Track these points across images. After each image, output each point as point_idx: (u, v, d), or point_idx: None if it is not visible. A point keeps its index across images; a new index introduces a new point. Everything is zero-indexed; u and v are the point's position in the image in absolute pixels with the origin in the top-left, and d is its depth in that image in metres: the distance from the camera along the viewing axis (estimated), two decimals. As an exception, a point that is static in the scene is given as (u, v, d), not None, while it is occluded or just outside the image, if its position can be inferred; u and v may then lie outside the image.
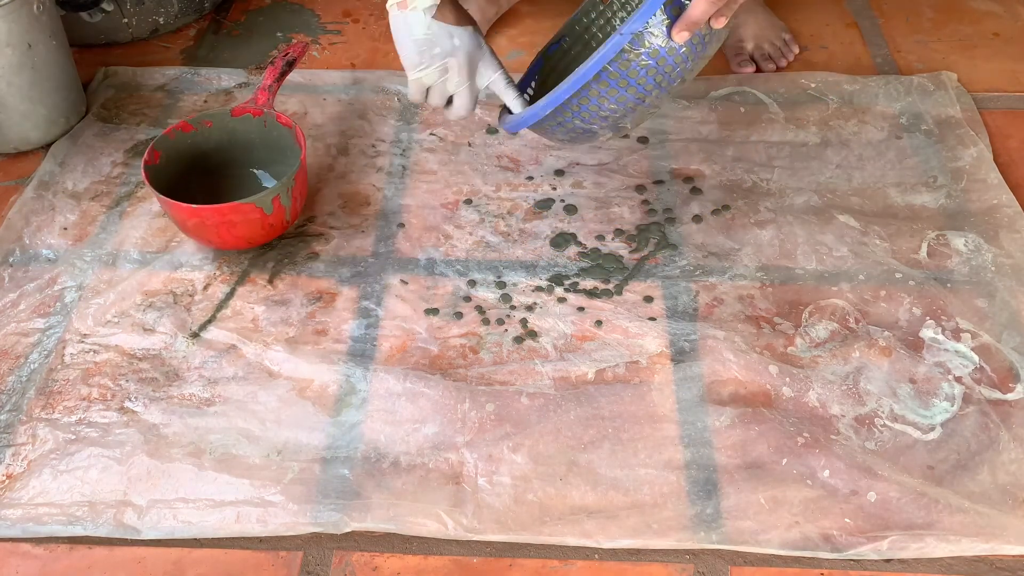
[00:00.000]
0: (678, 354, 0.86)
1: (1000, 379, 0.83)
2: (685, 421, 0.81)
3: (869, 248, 0.95)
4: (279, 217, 0.93)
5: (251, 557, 0.74)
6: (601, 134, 0.87)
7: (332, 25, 1.31)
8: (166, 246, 0.98)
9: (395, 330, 0.89)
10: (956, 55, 1.22)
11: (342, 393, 0.84)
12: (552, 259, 0.95)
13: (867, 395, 0.82)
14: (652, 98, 0.82)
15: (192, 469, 0.78)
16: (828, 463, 0.77)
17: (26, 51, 1.03)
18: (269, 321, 0.90)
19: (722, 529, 0.74)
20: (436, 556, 0.74)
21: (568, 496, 0.76)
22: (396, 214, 1.01)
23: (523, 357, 0.86)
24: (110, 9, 1.23)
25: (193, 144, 0.99)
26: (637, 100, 0.82)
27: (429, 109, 1.14)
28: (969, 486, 0.76)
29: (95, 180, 1.06)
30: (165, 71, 1.21)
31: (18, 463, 0.79)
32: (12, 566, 0.73)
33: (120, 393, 0.84)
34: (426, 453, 0.79)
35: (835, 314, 0.89)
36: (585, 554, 0.74)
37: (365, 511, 0.75)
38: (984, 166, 1.03)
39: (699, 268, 0.94)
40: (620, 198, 1.02)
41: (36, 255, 0.97)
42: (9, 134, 1.07)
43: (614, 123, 0.85)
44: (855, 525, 0.74)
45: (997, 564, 0.73)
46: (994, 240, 0.95)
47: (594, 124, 0.85)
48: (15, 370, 0.86)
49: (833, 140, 1.08)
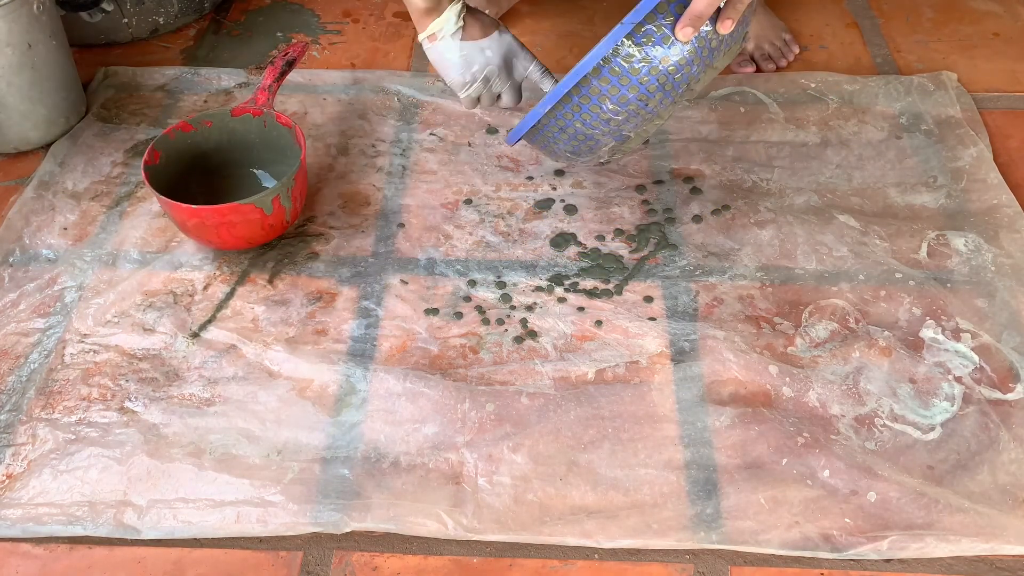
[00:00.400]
0: (678, 354, 0.86)
1: (1000, 379, 0.83)
2: (685, 421, 0.81)
3: (869, 248, 0.95)
4: (279, 217, 0.93)
5: (251, 557, 0.74)
6: (604, 143, 0.85)
7: (332, 25, 1.31)
8: (166, 246, 0.98)
9: (395, 330, 0.89)
10: (956, 55, 1.22)
11: (342, 393, 0.84)
12: (552, 259, 0.95)
13: (867, 395, 0.82)
14: (655, 102, 0.81)
15: (192, 469, 0.78)
16: (828, 463, 0.77)
17: (26, 51, 1.03)
18: (269, 321, 0.90)
19: (722, 529, 0.74)
20: (436, 556, 0.74)
21: (568, 496, 0.76)
22: (396, 214, 1.01)
23: (523, 357, 0.86)
24: (110, 9, 1.23)
25: (193, 144, 0.99)
26: (639, 102, 0.81)
27: (429, 109, 1.14)
28: (969, 486, 0.76)
29: (95, 180, 1.06)
30: (165, 71, 1.21)
31: (18, 463, 0.79)
32: (12, 566, 0.73)
33: (120, 393, 0.84)
34: (426, 453, 0.79)
35: (835, 314, 0.89)
36: (585, 554, 0.74)
37: (365, 511, 0.75)
38: (984, 166, 1.03)
39: (699, 268, 0.94)
40: (620, 198, 1.02)
41: (36, 255, 0.97)
42: (9, 134, 1.07)
43: (616, 128, 0.83)
44: (855, 525, 0.74)
45: (997, 564, 0.73)
46: (994, 240, 0.95)
47: (596, 128, 0.83)
48: (15, 370, 0.86)
49: (833, 140, 1.08)
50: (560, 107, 0.83)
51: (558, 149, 0.89)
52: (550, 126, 0.85)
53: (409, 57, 1.24)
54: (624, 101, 0.81)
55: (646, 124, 0.84)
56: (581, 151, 0.87)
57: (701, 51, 0.79)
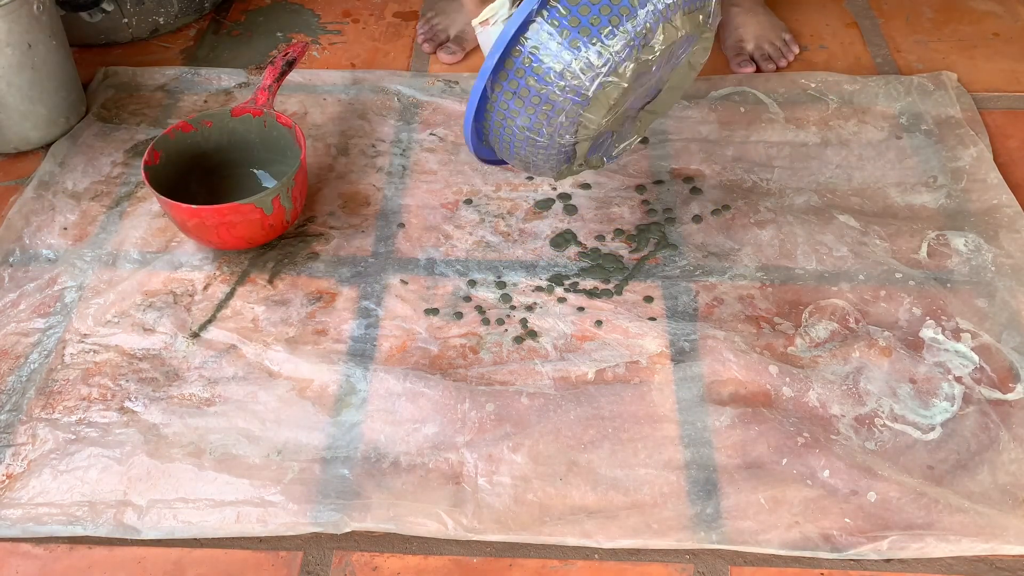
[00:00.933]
0: (678, 354, 0.86)
1: (1000, 379, 0.83)
2: (685, 421, 0.81)
3: (869, 248, 0.95)
4: (279, 217, 0.93)
5: (251, 557, 0.74)
6: (565, 111, 0.78)
7: (332, 25, 1.31)
8: (166, 246, 0.98)
9: (395, 330, 0.89)
10: (956, 55, 1.22)
11: (342, 393, 0.84)
12: (552, 259, 0.95)
13: (867, 395, 0.82)
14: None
15: (192, 469, 0.78)
16: (828, 463, 0.77)
17: (26, 51, 1.03)
18: (269, 321, 0.90)
19: (722, 529, 0.74)
20: (436, 556, 0.74)
21: (568, 496, 0.76)
22: (396, 214, 1.01)
23: (523, 357, 0.86)
24: (110, 9, 1.23)
25: (193, 144, 0.99)
26: (574, 51, 0.75)
27: (429, 109, 1.14)
28: (969, 486, 0.76)
29: (95, 180, 1.06)
30: (165, 71, 1.21)
31: (18, 463, 0.79)
32: (12, 566, 0.73)
33: (120, 393, 0.84)
34: (426, 453, 0.79)
35: (835, 314, 0.89)
36: (585, 554, 0.74)
37: (365, 511, 0.75)
38: (984, 166, 1.03)
39: (699, 268, 0.94)
40: (620, 198, 1.02)
41: (36, 255, 0.97)
42: (9, 134, 1.07)
43: (575, 88, 0.76)
44: (855, 525, 0.74)
45: (997, 564, 0.73)
46: (994, 240, 0.95)
47: (549, 86, 0.76)
48: (15, 370, 0.86)
49: (833, 140, 1.08)
50: (501, 83, 0.78)
51: (523, 150, 0.83)
52: (496, 115, 0.81)
53: (409, 57, 1.24)
54: (558, 55, 0.75)
55: (612, 91, 0.77)
56: (547, 142, 0.81)
57: (610, 50, 0.75)
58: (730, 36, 1.22)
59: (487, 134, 0.85)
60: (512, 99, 0.79)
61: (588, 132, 0.80)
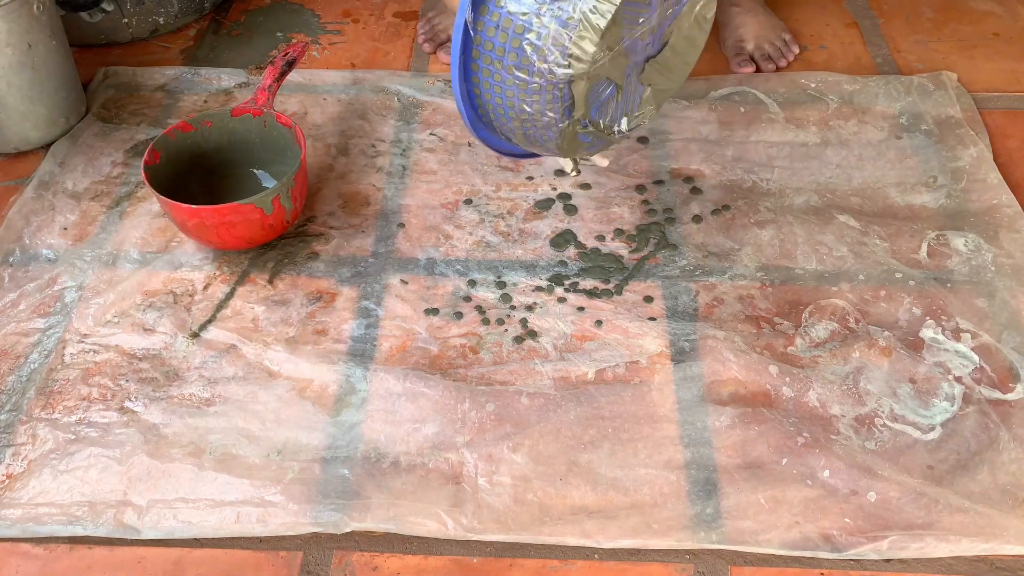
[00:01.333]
0: (678, 354, 0.86)
1: (1000, 379, 0.83)
2: (685, 421, 0.81)
3: (869, 248, 0.95)
4: (279, 217, 0.93)
5: (251, 557, 0.74)
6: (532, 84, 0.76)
7: (332, 25, 1.31)
8: (166, 246, 0.98)
9: (395, 330, 0.89)
10: (956, 55, 1.22)
11: (342, 393, 0.84)
12: (552, 259, 0.95)
13: (867, 395, 0.82)
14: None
15: (192, 469, 0.78)
16: (828, 463, 0.77)
17: (26, 51, 1.03)
18: (269, 321, 0.90)
19: (722, 529, 0.74)
20: (436, 556, 0.74)
21: (568, 496, 0.76)
22: (396, 214, 1.01)
23: (523, 357, 0.86)
24: (110, 9, 1.23)
25: (193, 144, 0.99)
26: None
27: (429, 109, 1.14)
28: (969, 486, 0.76)
29: (95, 180, 1.06)
30: (165, 71, 1.21)
31: (18, 463, 0.79)
32: (12, 566, 0.73)
33: (120, 393, 0.84)
34: (426, 453, 0.79)
35: (835, 314, 0.89)
36: (585, 554, 0.74)
37: (365, 511, 0.75)
38: (984, 166, 1.03)
39: (699, 268, 0.94)
40: (620, 198, 1.02)
41: (36, 255, 0.97)
42: (9, 134, 1.07)
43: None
44: (855, 525, 0.74)
45: (997, 564, 0.73)
46: (994, 240, 0.95)
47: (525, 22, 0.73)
48: (15, 370, 0.86)
49: (833, 140, 1.08)
50: (482, 18, 0.75)
51: (516, 100, 0.79)
52: (483, 61, 0.77)
53: (409, 57, 1.24)
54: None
55: (604, 8, 0.72)
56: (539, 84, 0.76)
57: None
58: (730, 36, 1.22)
59: (479, 97, 0.82)
60: (496, 34, 0.75)
61: (583, 66, 0.74)
